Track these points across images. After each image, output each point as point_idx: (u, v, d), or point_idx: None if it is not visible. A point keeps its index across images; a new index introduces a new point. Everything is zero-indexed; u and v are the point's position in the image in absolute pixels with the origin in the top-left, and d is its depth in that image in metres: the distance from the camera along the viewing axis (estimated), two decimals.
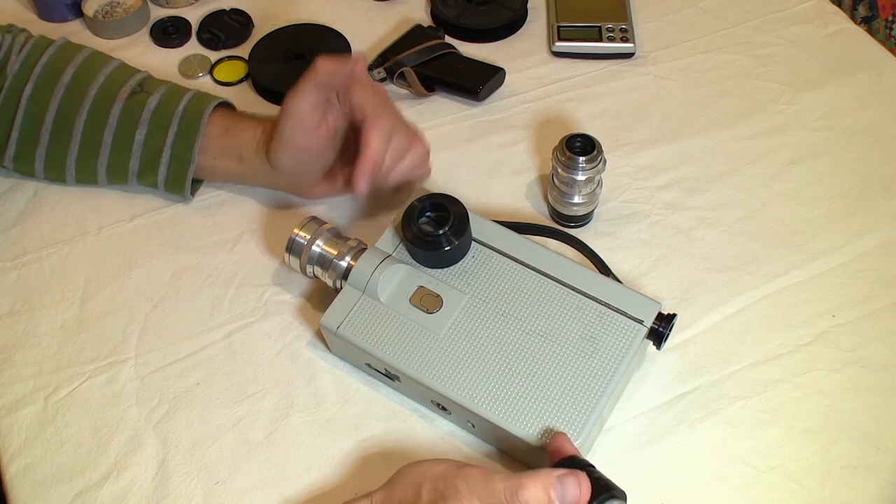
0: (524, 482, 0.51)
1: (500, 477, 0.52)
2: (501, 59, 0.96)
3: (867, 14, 1.27)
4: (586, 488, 0.52)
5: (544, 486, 0.51)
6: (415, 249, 0.69)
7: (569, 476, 0.52)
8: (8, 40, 0.82)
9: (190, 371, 0.72)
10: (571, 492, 0.51)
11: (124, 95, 0.80)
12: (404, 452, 0.67)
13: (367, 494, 0.57)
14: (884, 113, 0.90)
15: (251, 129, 0.79)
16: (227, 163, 0.80)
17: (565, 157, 0.76)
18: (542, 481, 0.51)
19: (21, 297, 0.77)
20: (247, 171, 0.80)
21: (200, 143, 0.79)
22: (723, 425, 0.68)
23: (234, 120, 0.80)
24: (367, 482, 0.65)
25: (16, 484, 0.66)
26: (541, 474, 0.52)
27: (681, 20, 1.01)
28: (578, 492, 0.52)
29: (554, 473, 0.52)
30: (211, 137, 0.79)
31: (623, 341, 0.65)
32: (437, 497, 0.52)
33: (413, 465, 0.56)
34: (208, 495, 0.65)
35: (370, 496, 0.57)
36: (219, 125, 0.79)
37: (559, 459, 0.57)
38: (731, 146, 0.87)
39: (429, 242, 0.68)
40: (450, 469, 0.53)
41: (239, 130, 0.79)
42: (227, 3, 1.04)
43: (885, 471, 0.65)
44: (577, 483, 0.52)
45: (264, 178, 0.80)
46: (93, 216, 0.83)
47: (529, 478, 0.51)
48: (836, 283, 0.76)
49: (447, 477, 0.53)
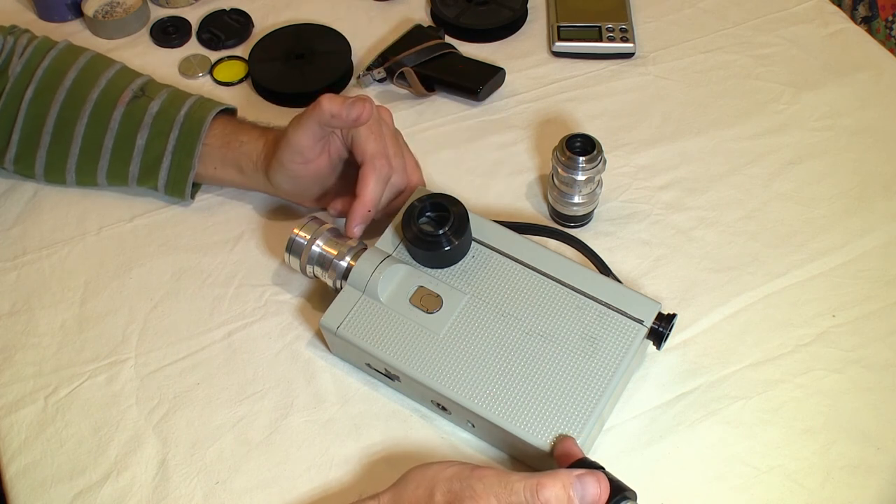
0: (544, 481, 0.51)
1: (517, 476, 0.52)
2: (501, 59, 0.96)
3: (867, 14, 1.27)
4: (605, 488, 0.53)
5: (564, 486, 0.51)
6: (415, 249, 0.69)
7: (588, 476, 0.52)
8: (10, 42, 0.82)
9: (190, 371, 0.72)
10: (591, 491, 0.52)
11: (126, 100, 0.80)
12: (404, 452, 0.67)
13: (374, 496, 0.57)
14: (884, 113, 0.90)
15: (252, 140, 0.78)
16: (227, 172, 0.80)
17: (565, 157, 0.76)
18: (561, 481, 0.51)
19: (21, 297, 0.77)
20: (246, 181, 0.80)
21: (201, 152, 0.79)
22: (723, 425, 0.68)
23: (236, 130, 0.79)
24: (368, 482, 0.65)
25: (16, 484, 0.66)
26: (560, 474, 0.52)
27: (681, 20, 1.01)
28: (598, 491, 0.52)
29: (573, 473, 0.52)
30: (211, 147, 0.79)
31: (623, 341, 0.65)
32: (453, 498, 0.52)
33: (423, 468, 0.56)
34: (208, 495, 0.65)
35: (377, 497, 0.56)
36: (220, 135, 0.79)
37: (571, 463, 0.57)
38: (731, 146, 0.87)
39: (429, 242, 0.68)
40: (464, 470, 0.53)
41: (240, 143, 0.79)
42: (227, 3, 1.04)
43: (885, 471, 0.65)
44: (596, 483, 0.52)
45: (264, 189, 0.80)
46: (93, 216, 0.83)
47: (549, 477, 0.51)
48: (836, 283, 0.76)
49: (462, 478, 0.52)
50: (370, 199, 0.71)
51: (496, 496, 0.51)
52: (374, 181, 0.71)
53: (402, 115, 0.91)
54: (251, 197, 0.84)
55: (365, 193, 0.71)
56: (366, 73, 0.94)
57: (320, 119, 0.70)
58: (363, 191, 0.71)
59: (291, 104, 0.93)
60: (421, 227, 0.68)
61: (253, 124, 0.81)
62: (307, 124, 0.71)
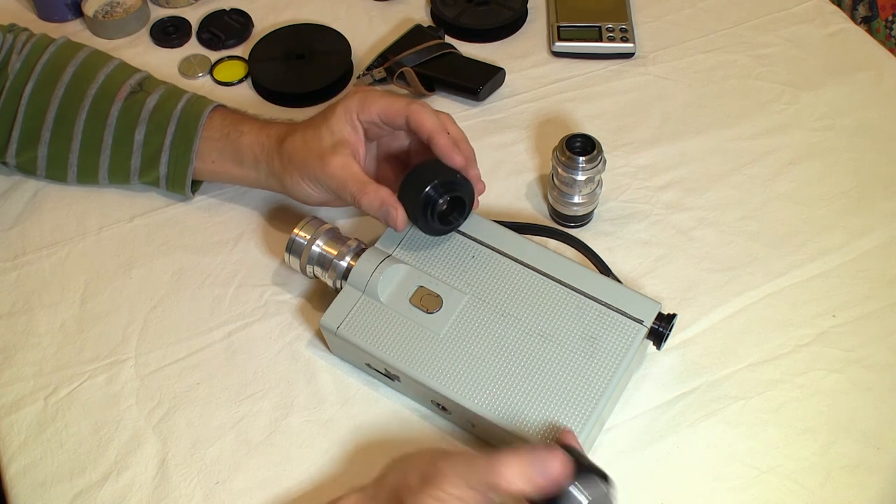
0: (505, 459, 0.52)
1: (482, 457, 0.53)
2: (501, 59, 0.96)
3: (867, 14, 1.27)
4: (564, 463, 0.52)
5: (524, 462, 0.52)
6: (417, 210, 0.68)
7: (548, 452, 0.52)
8: (9, 40, 0.82)
9: (190, 371, 0.72)
10: (553, 467, 0.52)
11: (123, 95, 0.80)
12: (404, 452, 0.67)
13: (360, 488, 0.58)
14: (884, 113, 0.90)
15: (253, 131, 0.78)
16: (225, 166, 0.79)
17: (565, 157, 0.76)
18: (523, 458, 0.52)
19: (21, 297, 0.77)
20: (245, 174, 0.79)
21: (199, 147, 0.79)
22: (723, 425, 0.68)
23: (235, 122, 0.79)
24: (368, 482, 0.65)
25: (16, 484, 0.66)
26: (521, 450, 0.52)
27: (681, 20, 1.01)
28: (560, 467, 0.52)
29: (534, 450, 0.53)
30: (210, 140, 0.79)
31: (623, 341, 0.65)
32: (423, 481, 0.53)
33: (400, 457, 0.57)
34: (208, 495, 0.65)
35: (363, 489, 0.58)
36: (218, 127, 0.79)
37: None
38: (731, 146, 0.87)
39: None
40: (435, 454, 0.55)
41: (240, 133, 0.78)
42: (227, 3, 1.04)
43: (885, 471, 0.65)
44: (557, 460, 0.52)
45: (263, 184, 0.80)
46: (93, 216, 0.83)
47: (510, 455, 0.52)
48: (836, 283, 0.76)
49: (432, 462, 0.54)
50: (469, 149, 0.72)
51: (460, 476, 0.52)
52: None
53: None
54: (251, 197, 0.84)
55: (463, 148, 0.71)
56: (366, 73, 0.94)
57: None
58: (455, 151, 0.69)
59: (291, 104, 0.93)
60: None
61: (253, 117, 0.81)
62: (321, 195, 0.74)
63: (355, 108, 0.72)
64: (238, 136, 0.78)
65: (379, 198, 0.69)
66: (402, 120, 0.71)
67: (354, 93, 0.73)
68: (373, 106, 0.71)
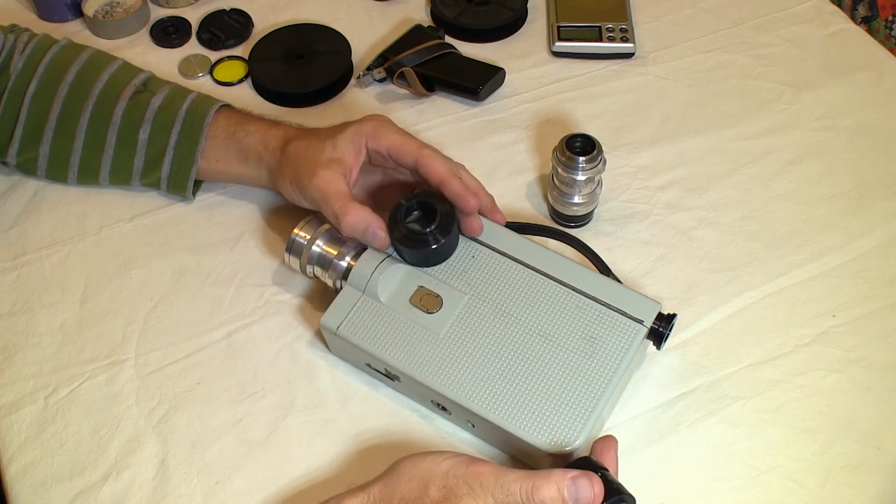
0: (539, 483, 0.52)
1: (513, 476, 0.52)
2: (501, 59, 0.96)
3: (867, 14, 1.27)
4: (599, 490, 0.53)
5: (559, 487, 0.52)
6: (402, 248, 0.69)
7: (582, 477, 0.52)
8: (11, 40, 0.82)
9: (190, 371, 0.72)
10: (585, 493, 0.52)
11: (128, 95, 0.80)
12: (404, 453, 0.66)
13: (363, 487, 0.56)
14: (884, 113, 0.90)
15: (260, 131, 0.78)
16: (229, 165, 0.79)
17: (565, 157, 0.76)
18: (556, 482, 0.52)
19: (21, 297, 0.77)
20: (248, 173, 0.79)
21: (203, 146, 0.79)
22: (723, 425, 0.68)
23: (242, 121, 0.79)
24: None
25: (16, 484, 0.66)
26: (554, 475, 0.52)
27: (681, 20, 1.01)
28: (592, 493, 0.52)
29: (567, 474, 0.52)
30: (215, 139, 0.79)
31: (623, 341, 0.65)
32: (448, 494, 0.52)
33: (415, 459, 0.55)
34: (208, 495, 0.65)
35: (367, 490, 0.56)
36: (224, 126, 0.79)
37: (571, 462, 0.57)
38: (731, 146, 0.87)
39: (416, 241, 0.67)
40: (459, 465, 0.53)
41: (246, 132, 0.78)
42: (227, 3, 1.04)
43: (885, 471, 0.65)
44: (590, 485, 0.52)
45: (264, 182, 0.80)
46: (93, 216, 0.83)
47: (544, 479, 0.52)
48: (836, 283, 0.76)
49: (458, 474, 0.52)
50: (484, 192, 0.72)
51: (492, 495, 0.51)
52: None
53: (402, 115, 0.91)
54: (252, 197, 0.84)
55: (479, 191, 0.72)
56: (366, 73, 0.94)
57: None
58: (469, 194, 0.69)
59: (291, 104, 0.93)
60: (408, 226, 0.68)
61: (259, 117, 0.81)
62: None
63: (367, 133, 0.71)
64: (244, 135, 0.78)
65: (364, 218, 0.68)
66: (412, 161, 0.70)
67: (372, 118, 0.73)
68: (384, 138, 0.71)
